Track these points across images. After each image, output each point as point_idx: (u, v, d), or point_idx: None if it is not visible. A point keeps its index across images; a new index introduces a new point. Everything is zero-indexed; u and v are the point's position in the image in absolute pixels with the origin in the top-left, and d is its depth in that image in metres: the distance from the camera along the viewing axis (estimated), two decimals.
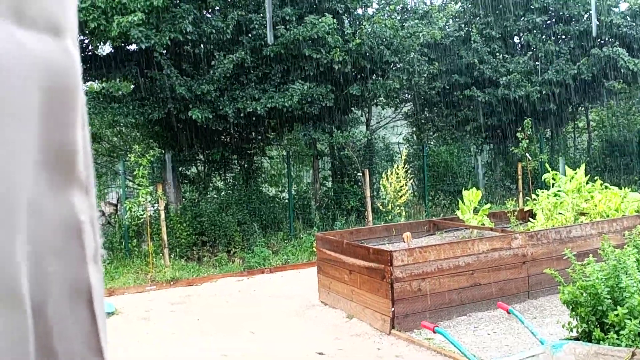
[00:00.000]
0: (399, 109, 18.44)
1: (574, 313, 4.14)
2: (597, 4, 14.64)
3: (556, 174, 9.00)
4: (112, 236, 11.42)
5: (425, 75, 14.52)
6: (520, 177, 13.18)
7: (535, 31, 15.97)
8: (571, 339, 3.90)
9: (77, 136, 0.43)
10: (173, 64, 11.23)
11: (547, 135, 17.35)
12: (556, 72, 15.02)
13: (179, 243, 11.04)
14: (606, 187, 8.81)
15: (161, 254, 9.96)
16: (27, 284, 0.40)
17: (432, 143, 17.25)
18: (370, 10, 13.60)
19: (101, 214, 12.96)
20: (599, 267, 4.18)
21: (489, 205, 8.93)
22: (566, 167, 9.22)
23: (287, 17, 11.67)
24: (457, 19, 16.91)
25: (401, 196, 10.82)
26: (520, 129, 12.11)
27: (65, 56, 0.41)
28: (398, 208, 10.86)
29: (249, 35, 11.87)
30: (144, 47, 10.31)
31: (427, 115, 18.20)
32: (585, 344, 3.51)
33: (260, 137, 14.03)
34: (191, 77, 11.36)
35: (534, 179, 13.06)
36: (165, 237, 9.83)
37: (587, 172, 8.86)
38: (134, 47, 11.44)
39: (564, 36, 16.10)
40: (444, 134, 17.54)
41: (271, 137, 14.42)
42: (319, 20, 11.36)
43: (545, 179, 9.33)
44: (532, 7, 15.72)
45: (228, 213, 11.88)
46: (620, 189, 8.91)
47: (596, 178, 9.22)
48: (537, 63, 15.84)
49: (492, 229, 7.80)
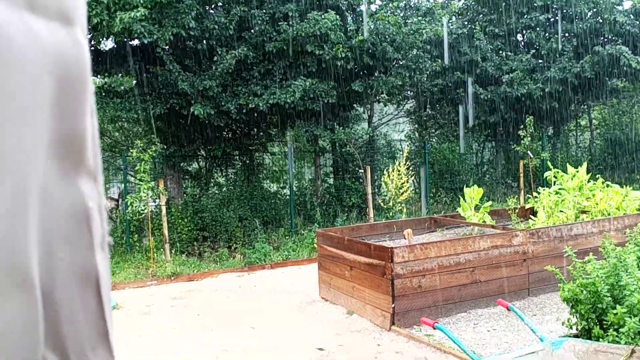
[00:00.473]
0: (401, 106, 18.42)
1: (573, 310, 4.15)
2: (601, 1, 14.61)
3: (557, 171, 9.00)
4: (114, 231, 11.44)
5: (427, 73, 14.50)
6: (521, 174, 13.17)
7: (538, 29, 15.94)
8: (571, 336, 3.91)
9: (87, 125, 0.43)
10: (175, 59, 11.22)
11: (549, 133, 17.32)
12: (559, 70, 14.98)
13: (180, 238, 11.05)
14: (608, 185, 8.81)
15: (162, 249, 9.97)
16: (37, 269, 0.41)
17: (434, 140, 17.23)
18: (373, 7, 13.57)
19: None
20: (600, 265, 4.18)
21: (490, 203, 8.93)
22: (568, 165, 9.21)
23: (290, 13, 11.65)
24: (460, 17, 16.88)
25: (402, 193, 10.82)
26: (522, 126, 12.09)
27: (75, 45, 0.42)
28: (399, 205, 10.86)
29: (252, 31, 11.86)
30: (146, 42, 10.31)
31: (429, 112, 18.18)
32: (585, 341, 3.52)
33: (262, 133, 14.03)
34: (193, 72, 11.36)
35: (535, 176, 13.05)
36: (166, 232, 9.85)
37: (588, 170, 8.86)
38: (136, 42, 11.44)
39: (567, 34, 16.06)
40: (445, 131, 17.52)
41: (273, 134, 14.42)
42: (322, 16, 11.35)
43: (546, 177, 9.33)
44: (535, 4, 15.68)
45: (229, 209, 11.89)
46: (622, 187, 8.90)
47: (598, 176, 9.22)
48: (540, 61, 15.81)
49: (493, 227, 7.80)
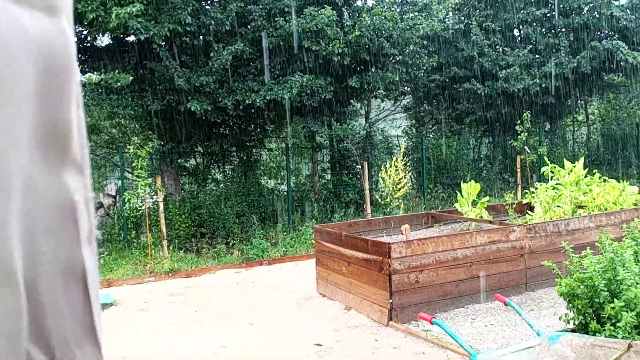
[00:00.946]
0: (398, 101, 18.42)
1: (571, 305, 4.16)
2: None
3: (554, 166, 9.00)
4: (111, 228, 11.43)
5: (424, 68, 14.49)
6: (518, 170, 13.19)
7: (535, 24, 15.93)
8: (568, 331, 3.92)
9: (72, 116, 0.42)
10: (172, 55, 11.19)
11: (546, 129, 17.34)
12: (556, 65, 14.99)
13: (177, 235, 11.05)
14: (605, 180, 8.82)
15: (160, 246, 9.97)
16: (20, 263, 0.40)
17: (431, 136, 17.23)
18: (369, 2, 13.54)
19: (100, 205, 12.96)
20: (597, 259, 4.19)
21: (487, 198, 8.94)
22: (565, 160, 9.22)
23: (286, 9, 11.62)
24: (456, 12, 16.86)
25: (400, 189, 10.82)
26: (519, 122, 12.10)
27: (60, 35, 0.41)
28: (397, 201, 10.86)
29: (248, 27, 11.83)
30: (142, 38, 10.27)
31: (427, 108, 18.17)
32: (582, 336, 3.53)
33: (259, 130, 14.01)
34: (190, 68, 11.33)
35: (532, 172, 13.06)
36: (164, 228, 9.84)
37: (585, 165, 8.86)
38: (132, 38, 11.40)
39: (563, 29, 16.06)
40: (442, 126, 17.52)
41: (270, 130, 14.40)
42: (319, 12, 11.32)
43: (543, 172, 9.34)
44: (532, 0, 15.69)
45: (227, 205, 11.88)
46: (619, 182, 8.92)
47: (595, 171, 9.23)
48: (537, 56, 15.81)
49: (490, 222, 7.81)
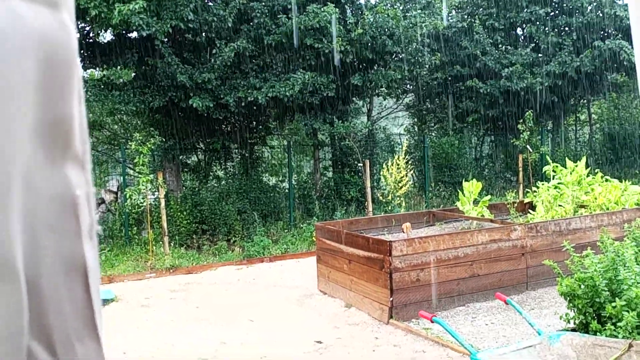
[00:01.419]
0: (400, 99, 18.39)
1: (571, 305, 4.15)
2: None
3: (556, 166, 8.99)
4: (113, 224, 11.44)
5: (427, 66, 14.47)
6: (520, 169, 13.17)
7: (538, 23, 15.89)
8: (568, 330, 3.92)
9: (74, 110, 0.42)
10: (174, 51, 11.19)
11: (548, 128, 17.31)
12: (558, 65, 14.96)
13: (178, 231, 11.05)
14: (607, 179, 8.81)
15: (161, 242, 9.98)
16: (22, 258, 0.40)
17: (433, 134, 17.21)
18: (372, 0, 13.53)
19: (101, 201, 12.97)
20: (598, 259, 4.18)
21: (489, 197, 8.93)
22: (567, 159, 9.21)
23: (289, 6, 11.61)
24: (459, 10, 16.83)
25: (401, 187, 10.82)
26: (521, 120, 12.08)
27: (61, 29, 0.41)
28: (398, 199, 10.86)
29: (251, 23, 11.82)
30: (145, 34, 10.27)
31: (429, 106, 18.15)
32: (583, 335, 3.52)
33: (261, 127, 14.01)
34: (192, 65, 11.32)
35: (534, 171, 13.05)
36: (165, 225, 9.84)
37: (587, 164, 8.86)
38: (135, 34, 11.40)
39: (567, 28, 16.02)
40: (445, 125, 17.50)
41: (272, 127, 14.39)
42: (321, 9, 11.31)
43: (545, 171, 9.33)
44: None
45: (228, 202, 11.89)
46: (621, 181, 8.90)
47: (597, 171, 9.21)
48: (540, 55, 15.77)
49: (491, 221, 7.81)
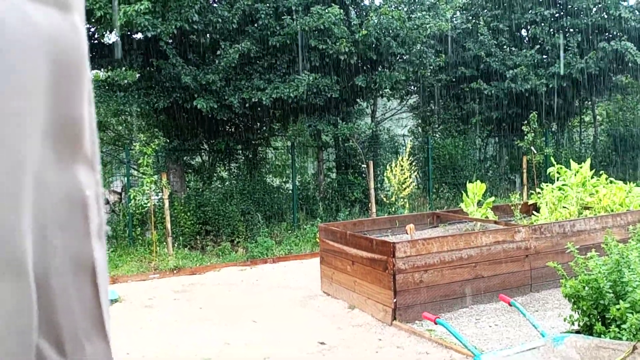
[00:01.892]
0: (404, 101, 18.38)
1: (575, 307, 4.15)
2: None
3: (561, 167, 8.98)
4: (116, 224, 11.47)
5: (431, 68, 14.45)
6: (525, 170, 13.15)
7: (543, 24, 15.86)
8: (572, 332, 3.91)
9: (84, 111, 0.43)
10: (179, 53, 11.21)
11: (552, 129, 17.27)
12: (563, 66, 14.93)
13: (182, 232, 11.07)
14: (611, 181, 8.79)
15: (165, 243, 9.99)
16: (31, 257, 0.41)
17: (437, 135, 17.20)
18: (377, 1, 13.53)
19: (105, 202, 13.00)
20: (602, 261, 4.17)
21: (493, 199, 8.92)
22: (571, 161, 9.19)
23: (293, 7, 11.63)
24: (464, 11, 16.82)
25: (405, 188, 10.82)
26: (525, 122, 12.06)
27: (72, 31, 0.41)
28: (402, 200, 10.86)
29: (255, 25, 11.83)
30: (150, 35, 10.29)
31: (433, 107, 18.14)
32: (587, 337, 3.52)
33: (265, 128, 14.02)
34: (197, 66, 11.35)
35: (538, 172, 13.02)
36: (169, 225, 9.86)
37: (592, 166, 8.84)
38: (140, 35, 11.43)
39: (571, 29, 15.99)
40: (449, 126, 17.49)
41: (276, 128, 14.40)
42: (326, 10, 11.32)
43: (550, 173, 9.31)
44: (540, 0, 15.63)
45: (232, 203, 11.90)
46: (626, 183, 8.88)
47: (601, 172, 9.19)
48: (544, 56, 15.75)
49: (495, 222, 7.79)
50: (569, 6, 15.83)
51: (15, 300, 0.39)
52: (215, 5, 11.71)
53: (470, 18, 16.51)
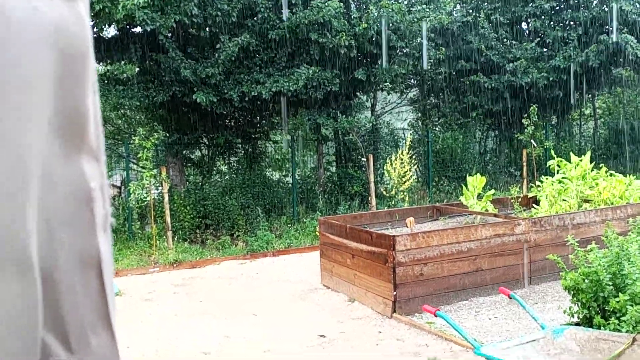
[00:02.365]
0: (404, 94, 18.34)
1: (575, 299, 4.16)
2: None
3: (561, 160, 8.97)
4: (116, 218, 11.47)
5: (431, 61, 14.42)
6: (525, 163, 13.14)
7: (543, 17, 15.81)
8: (572, 325, 3.92)
9: (89, 102, 0.43)
10: (178, 46, 11.18)
11: (552, 122, 17.25)
12: (563, 59, 14.89)
13: (182, 226, 11.08)
14: (611, 174, 8.79)
15: (164, 237, 10.00)
16: (37, 251, 0.40)
17: (437, 129, 17.18)
18: None
19: None
20: (602, 253, 4.18)
21: (492, 192, 8.92)
22: (571, 154, 9.19)
23: (293, 1, 11.58)
24: (464, 4, 16.76)
25: (405, 182, 10.82)
26: (526, 115, 12.05)
27: (77, 21, 0.41)
28: (402, 193, 10.86)
29: (255, 18, 11.80)
30: (149, 29, 10.26)
31: (433, 101, 18.11)
32: (586, 330, 3.53)
33: (264, 122, 14.00)
34: (196, 60, 11.31)
35: (538, 165, 13.02)
36: (168, 219, 9.86)
37: (592, 159, 8.83)
38: (139, 29, 11.39)
39: (572, 22, 15.94)
40: (449, 120, 17.47)
41: (276, 122, 14.38)
42: (325, 4, 11.28)
43: (550, 166, 9.31)
44: None
45: (232, 197, 11.90)
46: (626, 176, 8.88)
47: (601, 165, 9.19)
48: (545, 49, 15.70)
49: (495, 215, 7.80)
50: None
51: (21, 294, 0.39)
52: None
53: (471, 11, 16.44)
